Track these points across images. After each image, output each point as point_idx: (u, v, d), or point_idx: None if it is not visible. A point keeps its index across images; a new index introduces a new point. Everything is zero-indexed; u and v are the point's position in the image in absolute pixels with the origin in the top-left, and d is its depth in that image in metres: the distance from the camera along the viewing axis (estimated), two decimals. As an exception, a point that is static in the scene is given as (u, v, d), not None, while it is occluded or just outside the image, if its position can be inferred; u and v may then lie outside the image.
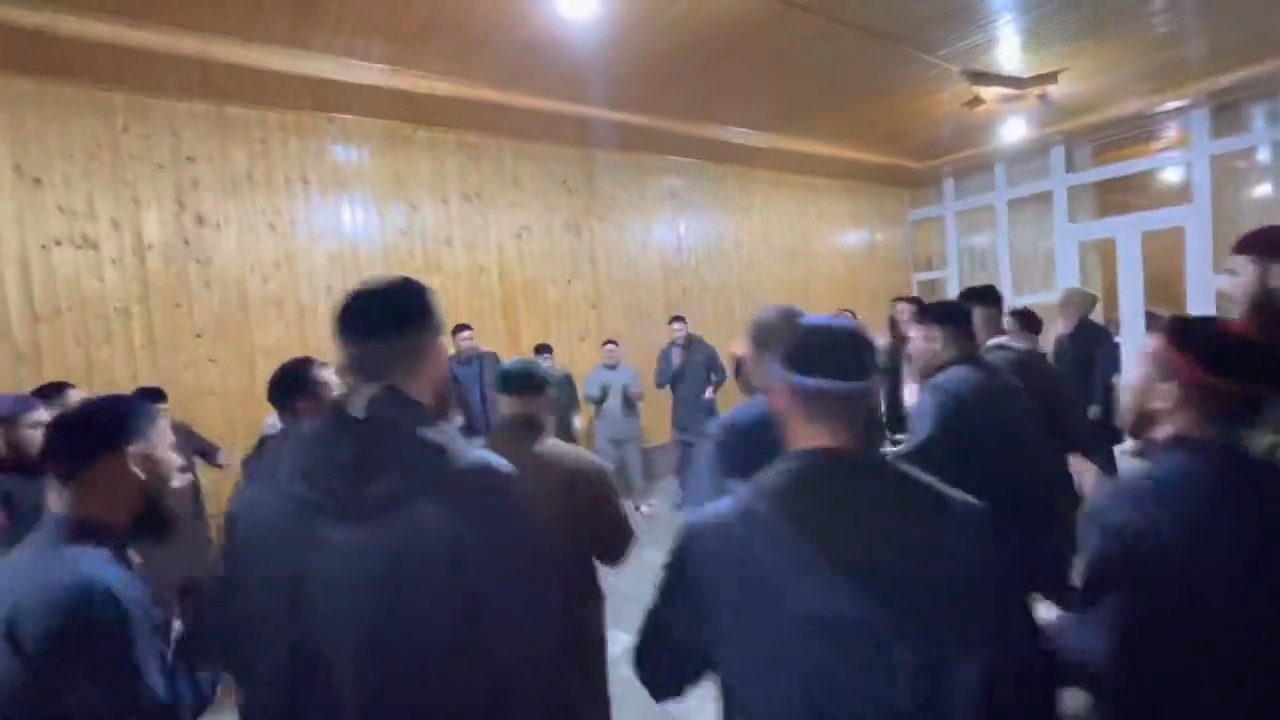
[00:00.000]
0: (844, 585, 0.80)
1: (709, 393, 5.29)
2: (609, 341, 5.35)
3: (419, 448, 0.87)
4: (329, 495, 0.84)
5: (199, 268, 4.20)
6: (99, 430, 1.15)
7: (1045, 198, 7.65)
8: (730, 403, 6.10)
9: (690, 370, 5.33)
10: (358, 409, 0.89)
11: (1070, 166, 7.43)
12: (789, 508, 0.86)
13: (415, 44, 4.00)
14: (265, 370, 4.36)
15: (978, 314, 2.28)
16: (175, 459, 1.26)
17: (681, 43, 4.26)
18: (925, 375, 2.10)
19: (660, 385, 5.47)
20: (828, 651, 0.81)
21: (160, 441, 1.23)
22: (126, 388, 3.94)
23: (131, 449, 1.16)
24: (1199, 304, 6.41)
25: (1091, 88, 5.84)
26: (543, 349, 5.08)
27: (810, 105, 5.78)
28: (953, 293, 8.69)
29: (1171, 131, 6.82)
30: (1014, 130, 6.17)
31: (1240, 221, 6.34)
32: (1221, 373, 0.96)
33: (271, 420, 2.74)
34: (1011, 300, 6.98)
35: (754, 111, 5.85)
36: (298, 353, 4.38)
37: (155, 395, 3.41)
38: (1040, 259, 7.85)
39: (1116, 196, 8.33)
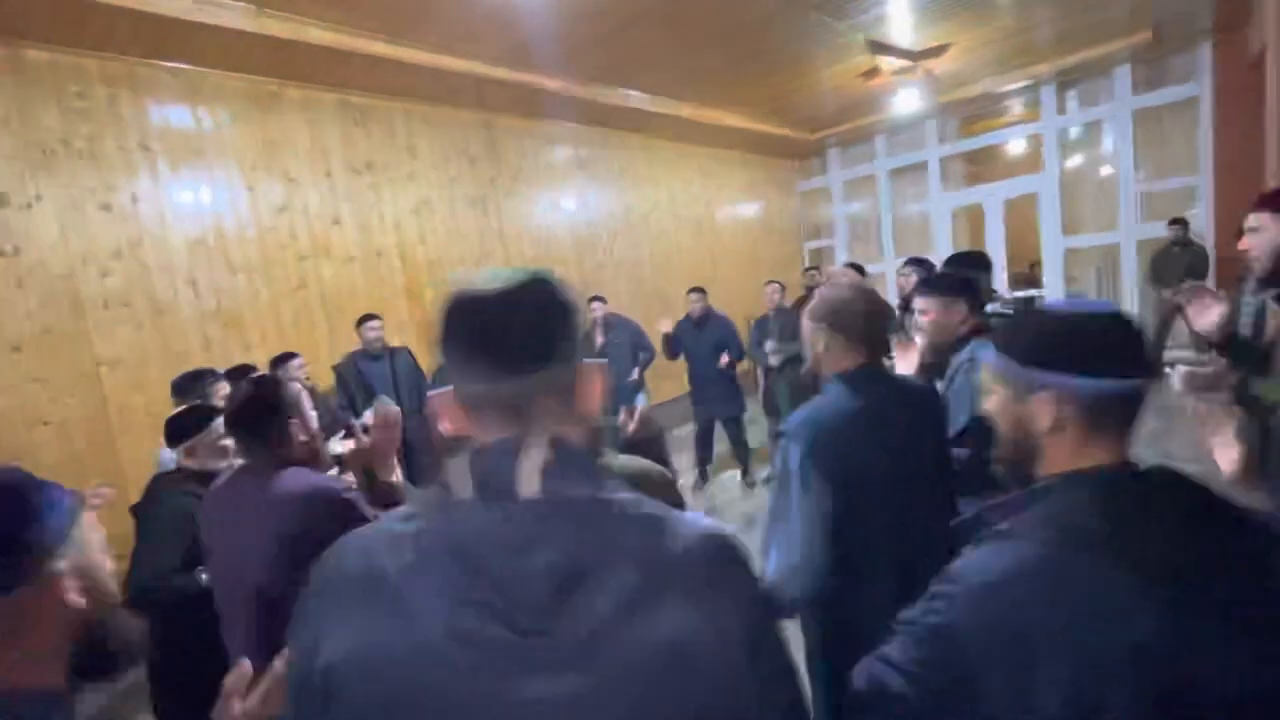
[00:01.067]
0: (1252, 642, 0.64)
1: (635, 373, 5.08)
2: None
3: (638, 530, 0.60)
4: (518, 630, 0.54)
5: (4, 262, 3.23)
6: (6, 546, 0.70)
7: (921, 167, 8.22)
8: (657, 379, 5.97)
9: (613, 351, 5.09)
10: (523, 483, 0.58)
11: (942, 138, 8.03)
12: (1127, 555, 0.67)
13: (289, -20, 3.31)
14: (114, 388, 3.53)
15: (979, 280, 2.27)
16: (109, 563, 0.83)
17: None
18: (939, 351, 2.04)
19: None
20: None
21: (93, 542, 0.80)
22: (-90, 425, 2.97)
23: (63, 564, 0.73)
24: (1052, 262, 7.25)
25: (963, 64, 6.27)
26: None
27: (716, 72, 5.66)
28: (840, 260, 9.16)
29: (1021, 107, 7.58)
30: (905, 102, 6.48)
31: (1079, 189, 7.24)
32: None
33: (168, 456, 2.12)
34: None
35: (659, 77, 5.62)
36: (155, 362, 3.65)
37: None
38: (918, 225, 8.46)
39: (980, 168, 9.19)
